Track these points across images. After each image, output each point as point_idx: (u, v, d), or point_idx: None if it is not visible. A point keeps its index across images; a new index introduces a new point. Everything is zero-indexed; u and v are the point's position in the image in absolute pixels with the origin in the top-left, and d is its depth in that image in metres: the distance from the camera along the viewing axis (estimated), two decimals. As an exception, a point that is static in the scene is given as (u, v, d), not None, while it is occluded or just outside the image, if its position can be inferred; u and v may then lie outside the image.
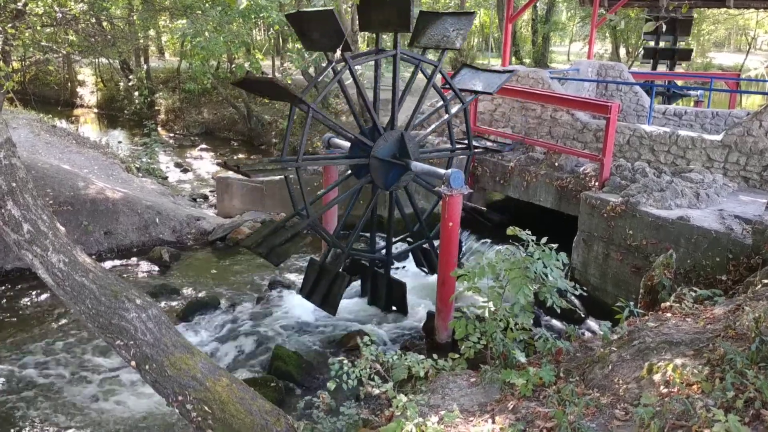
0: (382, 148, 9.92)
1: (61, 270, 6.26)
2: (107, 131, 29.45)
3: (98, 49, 14.75)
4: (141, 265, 13.15)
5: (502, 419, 5.07)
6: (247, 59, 24.86)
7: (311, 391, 8.61)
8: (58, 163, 16.20)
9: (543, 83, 13.13)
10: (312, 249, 13.52)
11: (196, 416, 5.93)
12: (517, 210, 13.54)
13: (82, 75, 36.94)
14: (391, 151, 9.98)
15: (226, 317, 10.93)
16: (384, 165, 10.01)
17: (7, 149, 6.38)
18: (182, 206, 16.16)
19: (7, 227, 6.28)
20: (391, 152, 9.98)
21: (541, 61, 38.34)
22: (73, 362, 9.50)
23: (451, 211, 9.04)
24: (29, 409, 8.38)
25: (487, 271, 6.18)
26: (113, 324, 6.14)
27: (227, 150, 25.58)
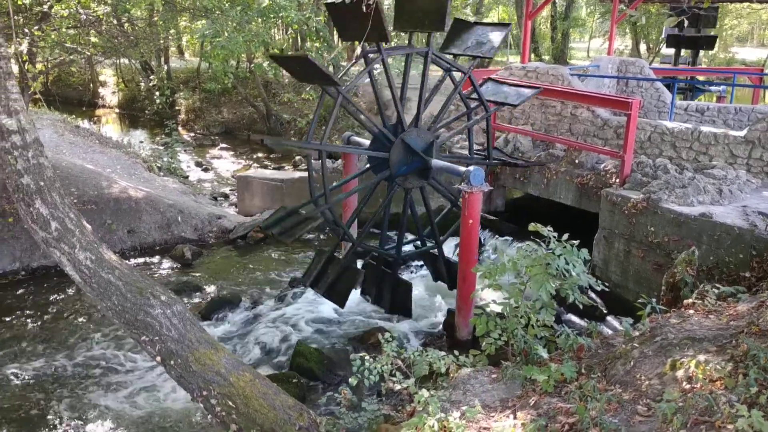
0: (399, 154, 9.95)
1: (88, 267, 6.39)
2: (129, 131, 29.80)
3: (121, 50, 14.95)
4: (164, 262, 13.32)
5: (524, 415, 5.10)
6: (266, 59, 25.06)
7: (332, 387, 8.70)
8: (81, 162, 16.44)
9: (563, 80, 13.07)
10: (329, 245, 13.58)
11: (220, 411, 6.02)
12: (537, 208, 13.50)
13: (104, 76, 37.39)
14: (408, 155, 10.00)
15: (248, 314, 11.04)
16: (403, 160, 10.02)
17: (35, 149, 6.53)
18: (204, 205, 16.33)
19: (35, 225, 6.42)
20: (408, 156, 10.00)
21: (560, 58, 38.11)
22: (99, 358, 9.65)
23: (471, 209, 9.05)
24: (57, 404, 8.54)
25: (508, 268, 6.19)
26: (139, 320, 6.26)
27: (246, 149, 25.76)
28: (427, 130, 10.19)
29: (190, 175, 21.05)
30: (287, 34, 33.91)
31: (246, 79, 28.81)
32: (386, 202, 10.50)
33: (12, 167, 6.36)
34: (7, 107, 6.36)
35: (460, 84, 10.41)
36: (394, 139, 9.86)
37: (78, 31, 13.59)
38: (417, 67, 16.05)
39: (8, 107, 6.36)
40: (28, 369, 9.33)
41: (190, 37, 30.19)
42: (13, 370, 9.28)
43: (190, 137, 28.10)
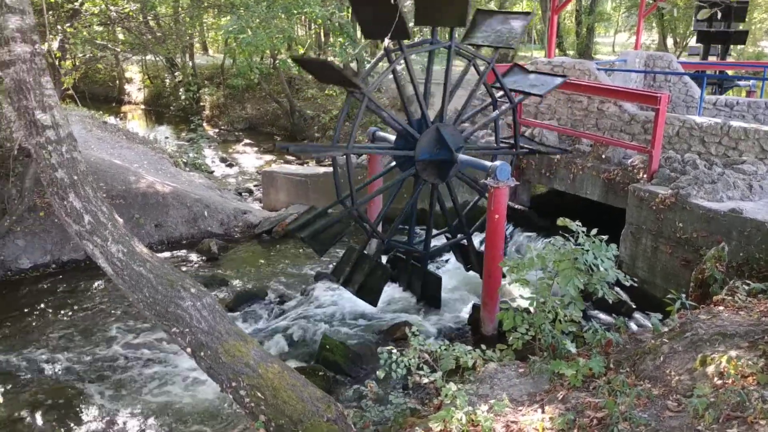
0: (429, 140, 9.95)
1: (120, 260, 6.49)
2: (154, 127, 30.13)
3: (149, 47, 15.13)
4: (190, 256, 13.48)
5: (552, 409, 5.09)
6: (290, 55, 25.17)
7: (358, 381, 8.76)
8: (109, 158, 16.69)
9: (589, 74, 12.97)
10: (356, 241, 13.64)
11: (249, 402, 6.09)
12: (563, 203, 13.42)
13: (130, 72, 37.81)
14: (438, 144, 10.00)
15: (273, 308, 11.15)
16: (430, 156, 10.03)
17: (69, 143, 6.65)
18: (229, 200, 16.48)
19: (69, 218, 6.54)
20: (437, 144, 10.00)
21: (585, 53, 37.74)
22: (129, 349, 9.83)
23: (497, 204, 9.03)
24: (88, 393, 8.71)
25: (536, 263, 6.18)
26: (170, 312, 6.35)
27: (270, 144, 25.89)
28: (452, 125, 10.18)
29: (215, 171, 21.25)
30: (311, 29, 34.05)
31: (270, 75, 28.96)
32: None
33: (46, 161, 6.48)
34: (42, 103, 6.48)
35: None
36: (418, 136, 9.86)
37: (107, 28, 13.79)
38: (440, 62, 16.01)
39: (43, 103, 6.48)
40: (60, 359, 9.53)
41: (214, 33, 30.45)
42: (45, 360, 9.49)
43: (214, 133, 28.33)
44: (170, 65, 32.78)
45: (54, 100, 6.60)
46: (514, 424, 5.02)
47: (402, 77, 10.81)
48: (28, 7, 6.37)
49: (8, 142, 13.42)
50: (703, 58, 21.90)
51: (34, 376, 9.12)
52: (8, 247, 12.38)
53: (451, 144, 9.88)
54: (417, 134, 9.92)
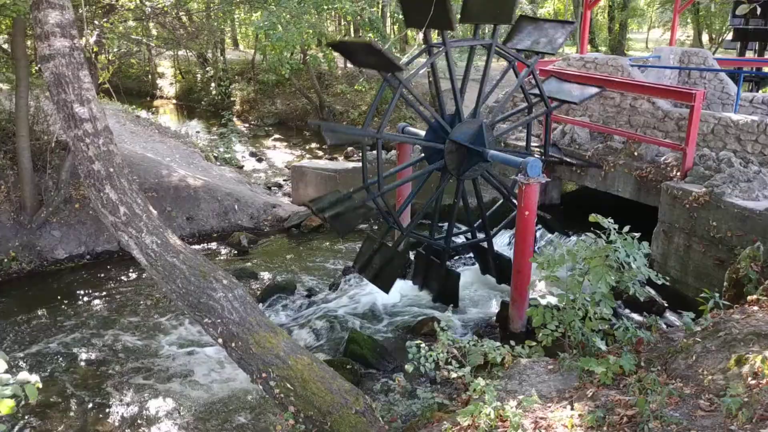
0: (460, 134, 9.92)
1: (154, 251, 6.62)
2: (185, 121, 30.50)
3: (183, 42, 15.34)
4: (221, 249, 13.66)
5: (581, 406, 5.07)
6: (321, 50, 25.28)
7: (385, 375, 8.80)
8: (142, 151, 16.96)
9: (622, 71, 12.81)
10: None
11: (279, 393, 6.16)
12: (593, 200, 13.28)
13: (162, 67, 38.32)
14: (469, 139, 9.97)
15: (302, 301, 11.24)
16: (459, 150, 10.00)
17: (106, 136, 6.80)
18: (259, 194, 16.64)
19: (105, 210, 6.69)
20: (469, 139, 9.97)
21: (617, 49, 37.22)
22: (161, 339, 10.00)
23: (527, 201, 8.98)
24: (121, 381, 8.90)
25: (567, 259, 6.15)
26: (202, 303, 6.45)
27: (300, 140, 26.07)
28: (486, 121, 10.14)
29: (244, 165, 21.46)
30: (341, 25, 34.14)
31: (299, 71, 29.13)
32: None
33: (84, 154, 6.63)
34: (80, 96, 6.63)
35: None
36: (450, 129, 9.84)
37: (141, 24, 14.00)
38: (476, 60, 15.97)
39: (81, 96, 6.64)
40: (94, 347, 9.75)
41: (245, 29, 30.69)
42: (80, 349, 9.71)
43: (244, 128, 28.60)
44: (202, 60, 33.14)
45: (91, 93, 6.75)
46: (543, 420, 5.01)
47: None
48: (67, 2, 6.51)
49: (45, 135, 13.73)
50: (740, 54, 21.45)
51: (68, 363, 9.34)
52: (45, 238, 12.67)
53: (483, 140, 9.84)
54: (449, 128, 9.90)
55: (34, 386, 4.45)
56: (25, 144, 12.36)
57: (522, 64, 10.53)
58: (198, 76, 34.60)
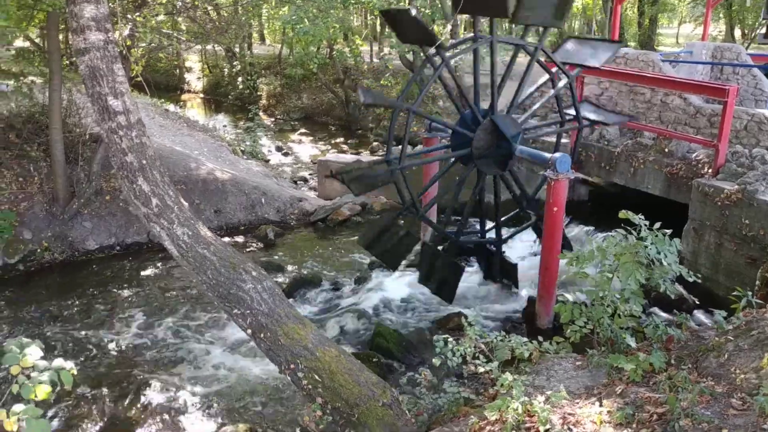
0: (483, 136, 9.87)
1: (185, 242, 6.71)
2: (213, 115, 30.78)
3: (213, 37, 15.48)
4: (248, 242, 13.78)
5: (610, 403, 5.04)
6: (347, 45, 25.32)
7: (411, 369, 8.83)
8: (171, 144, 17.15)
9: (653, 66, 12.63)
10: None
11: (307, 384, 6.22)
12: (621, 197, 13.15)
13: (190, 62, 38.67)
14: (494, 137, 9.91)
15: (328, 295, 11.32)
16: (487, 141, 9.92)
17: (138, 129, 6.90)
18: (285, 188, 16.75)
19: (138, 201, 6.79)
20: (493, 138, 9.91)
21: (647, 44, 36.67)
22: (189, 328, 10.15)
23: (556, 196, 8.92)
24: (150, 370, 9.06)
25: (596, 255, 6.10)
26: (232, 294, 6.54)
27: (325, 134, 26.17)
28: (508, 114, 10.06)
29: (270, 159, 21.61)
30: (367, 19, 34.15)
31: (325, 66, 29.21)
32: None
33: (117, 146, 6.74)
34: (114, 89, 6.74)
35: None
36: (482, 120, 9.77)
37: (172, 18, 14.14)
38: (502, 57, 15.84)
39: (115, 89, 6.74)
40: (124, 336, 9.93)
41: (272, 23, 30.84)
42: (110, 337, 9.89)
43: (270, 122, 28.77)
44: (230, 55, 33.37)
45: (125, 86, 6.85)
46: (571, 416, 4.99)
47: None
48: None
49: (77, 128, 13.96)
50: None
51: (98, 351, 9.53)
52: (76, 229, 12.90)
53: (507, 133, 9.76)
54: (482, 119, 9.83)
55: (70, 372, 4.56)
56: (58, 136, 12.58)
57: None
58: (225, 71, 34.86)
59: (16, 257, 12.12)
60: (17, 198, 12.75)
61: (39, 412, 4.31)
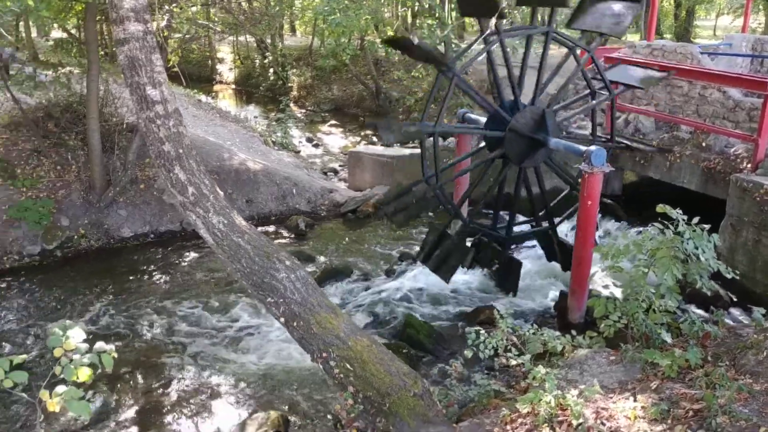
0: (520, 123, 9.79)
1: (220, 230, 6.80)
2: (244, 106, 30.98)
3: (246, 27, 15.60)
4: (279, 232, 13.88)
5: (645, 398, 5.00)
6: (379, 36, 25.29)
7: (441, 360, 8.83)
8: (204, 135, 17.34)
9: (691, 58, 12.40)
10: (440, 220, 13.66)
11: (339, 373, 6.27)
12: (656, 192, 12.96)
13: (221, 53, 38.98)
14: (530, 127, 9.83)
15: (358, 285, 11.36)
16: (520, 139, 9.87)
17: (176, 118, 6.99)
18: (315, 179, 16.83)
19: (174, 189, 6.89)
20: (529, 128, 9.83)
21: (683, 37, 35.96)
22: (222, 316, 10.30)
23: (590, 190, 8.81)
24: (182, 355, 9.22)
25: (632, 250, 6.04)
26: (265, 282, 6.61)
27: (355, 126, 26.18)
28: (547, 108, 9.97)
29: (301, 150, 21.69)
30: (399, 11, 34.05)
31: (356, 57, 29.19)
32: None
33: (155, 135, 6.84)
34: (152, 79, 6.83)
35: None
36: (510, 118, 9.71)
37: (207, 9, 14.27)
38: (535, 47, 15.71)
39: (153, 79, 6.84)
40: (158, 322, 10.10)
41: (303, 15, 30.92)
42: (144, 323, 10.08)
43: (301, 113, 28.87)
44: (262, 46, 33.56)
45: (163, 76, 6.94)
46: (605, 411, 4.97)
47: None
48: (142, -13, 6.70)
49: (113, 117, 14.20)
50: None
51: (133, 337, 9.71)
52: (112, 217, 13.14)
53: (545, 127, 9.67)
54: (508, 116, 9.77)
55: (110, 356, 4.67)
56: (95, 126, 12.81)
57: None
58: (257, 62, 35.06)
59: (54, 243, 12.39)
60: (55, 186, 13.03)
61: (80, 394, 4.42)
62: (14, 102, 13.47)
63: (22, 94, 14.13)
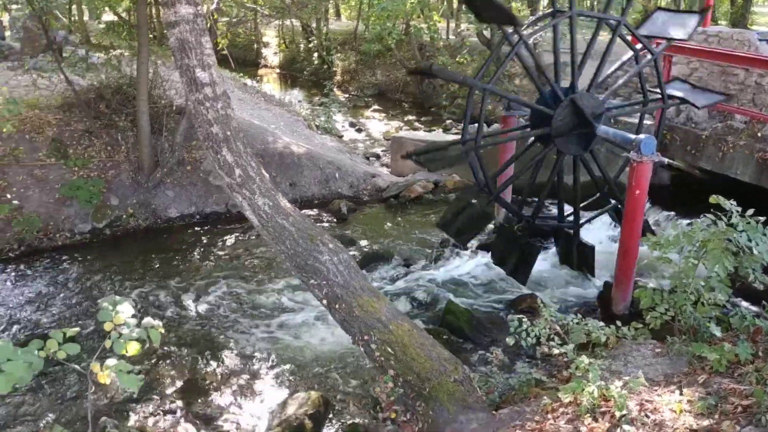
0: (564, 115, 9.61)
1: (265, 212, 6.89)
2: (288, 90, 31.18)
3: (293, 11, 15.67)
4: (321, 215, 13.99)
5: (691, 392, 4.90)
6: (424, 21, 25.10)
7: (481, 348, 8.81)
8: (249, 118, 17.51)
9: (749, 45, 11.94)
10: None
11: (380, 356, 6.31)
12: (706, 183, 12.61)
13: (267, 37, 39.25)
14: (575, 117, 9.63)
15: (399, 271, 11.38)
16: (567, 132, 9.69)
17: (224, 101, 7.07)
18: (358, 163, 16.88)
19: (222, 171, 6.99)
20: (574, 117, 9.63)
21: (740, 23, 34.71)
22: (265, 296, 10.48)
23: (638, 179, 8.62)
24: (226, 333, 9.43)
25: (682, 241, 5.90)
26: (308, 264, 6.67)
27: (398, 111, 26.12)
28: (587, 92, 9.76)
29: (344, 135, 21.77)
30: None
31: (401, 42, 29.04)
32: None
33: (203, 117, 6.94)
34: (202, 61, 6.92)
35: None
36: (563, 98, 9.52)
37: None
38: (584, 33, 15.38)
39: (202, 61, 6.92)
40: (202, 301, 10.34)
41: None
42: (189, 301, 10.31)
43: (344, 98, 28.92)
44: (306, 30, 33.67)
45: (212, 59, 7.02)
46: (649, 403, 4.89)
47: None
48: (193, -30, 6.77)
49: (162, 100, 14.46)
50: None
51: (178, 314, 9.96)
52: (160, 197, 13.43)
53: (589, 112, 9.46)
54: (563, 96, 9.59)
55: (158, 331, 4.79)
56: (144, 108, 13.07)
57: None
58: (301, 46, 35.20)
59: (103, 222, 12.74)
60: (105, 166, 13.36)
61: (130, 368, 4.56)
62: (68, 83, 13.82)
63: (75, 76, 14.48)
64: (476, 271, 11.13)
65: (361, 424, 7.32)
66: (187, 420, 7.49)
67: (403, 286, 10.86)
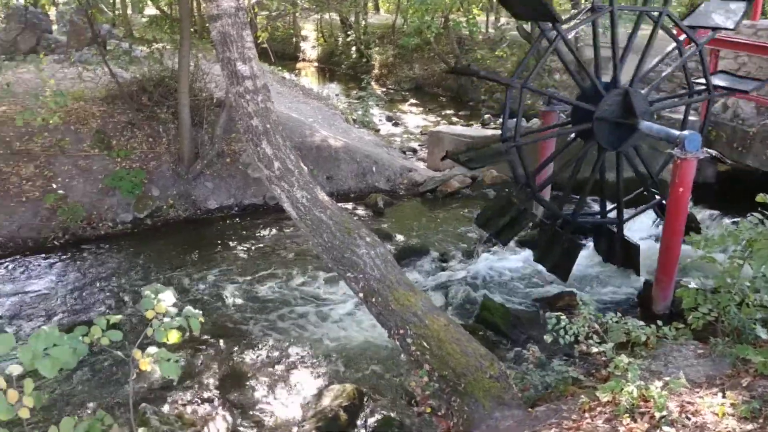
0: (606, 109, 9.45)
1: (303, 205, 6.92)
2: (326, 84, 31.30)
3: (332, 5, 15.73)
4: (357, 209, 14.04)
5: (735, 395, 4.78)
6: (464, 14, 24.91)
7: (517, 345, 8.75)
8: (287, 111, 17.64)
9: (800, 40, 11.61)
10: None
11: (415, 350, 6.29)
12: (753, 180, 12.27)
13: (305, 30, 39.44)
14: (617, 111, 9.46)
15: (435, 265, 11.37)
16: (610, 127, 9.52)
17: (264, 94, 7.12)
18: (395, 157, 16.88)
19: (261, 163, 7.05)
20: (617, 112, 9.47)
21: (790, 17, 33.64)
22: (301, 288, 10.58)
23: (682, 176, 8.44)
24: (261, 322, 9.57)
25: (727, 240, 5.75)
26: (345, 257, 6.69)
27: (436, 105, 26.01)
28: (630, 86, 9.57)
29: (380, 129, 21.76)
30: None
31: (439, 35, 28.88)
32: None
33: (244, 109, 7.01)
34: (243, 54, 6.98)
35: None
36: (604, 94, 9.36)
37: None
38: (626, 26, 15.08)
39: (243, 54, 6.98)
40: (239, 291, 10.48)
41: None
42: (226, 291, 10.47)
43: (382, 92, 28.91)
44: (345, 24, 33.74)
45: (253, 52, 7.07)
46: (690, 405, 4.79)
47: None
48: (235, -36, 6.83)
49: (203, 93, 14.66)
50: None
51: (216, 304, 10.10)
52: (199, 189, 13.64)
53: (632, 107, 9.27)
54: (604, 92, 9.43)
55: (198, 320, 4.86)
56: (185, 100, 13.27)
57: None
58: (339, 40, 35.29)
59: (144, 212, 12.99)
60: (147, 157, 13.62)
61: (170, 355, 4.64)
62: (111, 76, 14.11)
63: (119, 69, 14.79)
64: (513, 267, 11.05)
65: (395, 418, 7.34)
66: (224, 408, 7.61)
67: (439, 280, 10.85)
